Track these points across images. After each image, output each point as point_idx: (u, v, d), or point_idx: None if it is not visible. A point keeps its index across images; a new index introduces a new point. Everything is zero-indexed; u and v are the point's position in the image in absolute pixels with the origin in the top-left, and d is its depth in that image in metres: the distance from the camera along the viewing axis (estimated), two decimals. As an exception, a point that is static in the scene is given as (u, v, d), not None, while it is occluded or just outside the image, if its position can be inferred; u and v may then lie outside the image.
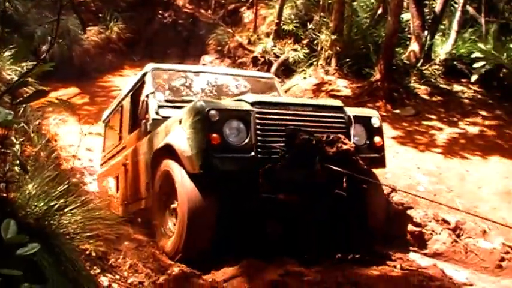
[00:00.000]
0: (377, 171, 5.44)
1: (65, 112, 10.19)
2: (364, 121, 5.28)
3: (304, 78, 11.89)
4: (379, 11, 13.09)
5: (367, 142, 5.25)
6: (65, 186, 3.81)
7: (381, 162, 5.36)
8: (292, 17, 13.90)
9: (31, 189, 3.58)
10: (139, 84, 6.28)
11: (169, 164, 4.93)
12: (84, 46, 14.18)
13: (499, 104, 10.09)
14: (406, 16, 12.34)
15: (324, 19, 12.74)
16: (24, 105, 5.26)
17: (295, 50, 12.99)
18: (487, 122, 9.44)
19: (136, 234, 4.97)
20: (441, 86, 10.86)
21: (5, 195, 2.94)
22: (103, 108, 11.10)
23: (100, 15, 15.53)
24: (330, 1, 12.65)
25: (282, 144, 4.62)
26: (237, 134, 4.59)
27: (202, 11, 17.61)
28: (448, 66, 11.23)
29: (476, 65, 10.54)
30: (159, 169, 5.16)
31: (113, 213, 4.83)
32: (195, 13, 17.36)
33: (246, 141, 4.60)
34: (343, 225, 5.03)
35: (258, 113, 4.69)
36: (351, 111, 5.25)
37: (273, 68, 12.57)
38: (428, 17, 12.24)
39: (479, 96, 10.45)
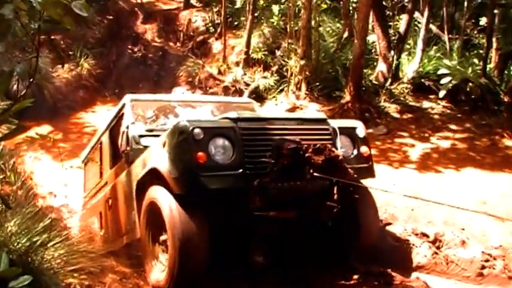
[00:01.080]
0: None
1: (40, 150, 10.13)
2: (349, 132, 5.23)
3: (276, 104, 12.04)
4: (345, 34, 13.34)
5: (354, 153, 5.19)
6: (47, 222, 3.81)
7: (369, 172, 5.27)
8: (261, 45, 14.07)
9: (13, 226, 3.57)
10: (118, 117, 6.16)
11: (156, 193, 4.77)
12: (55, 84, 14.12)
13: (468, 117, 10.28)
14: (371, 38, 12.60)
15: (292, 45, 12.95)
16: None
17: (265, 77, 13.13)
18: (457, 136, 9.61)
19: (120, 267, 4.91)
20: (410, 103, 11.08)
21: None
22: (77, 145, 11.05)
23: (70, 52, 15.50)
24: (296, 28, 12.88)
25: (270, 159, 4.51)
26: (223, 151, 4.51)
27: (171, 44, 17.64)
28: (416, 84, 11.46)
29: (443, 81, 10.80)
30: (145, 200, 4.98)
31: (95, 247, 4.78)
32: (164, 46, 17.40)
33: (233, 158, 4.51)
34: (334, 239, 5.01)
35: (242, 129, 4.62)
36: (335, 123, 5.24)
37: (244, 96, 12.64)
38: (393, 37, 12.50)
39: (448, 111, 10.66)
